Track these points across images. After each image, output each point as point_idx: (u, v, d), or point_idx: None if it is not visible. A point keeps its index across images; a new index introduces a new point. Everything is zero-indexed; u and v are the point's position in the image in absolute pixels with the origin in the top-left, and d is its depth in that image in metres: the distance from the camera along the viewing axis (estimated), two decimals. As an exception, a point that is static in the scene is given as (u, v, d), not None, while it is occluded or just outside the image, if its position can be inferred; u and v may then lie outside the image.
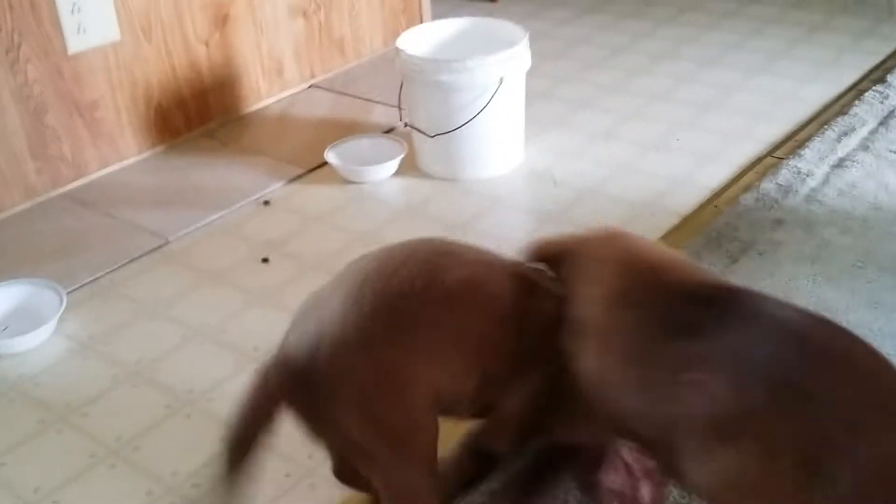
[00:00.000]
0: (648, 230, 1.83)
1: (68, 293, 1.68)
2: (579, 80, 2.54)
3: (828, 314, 1.52)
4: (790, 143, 2.10)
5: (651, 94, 2.42)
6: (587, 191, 1.99)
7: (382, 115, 2.32)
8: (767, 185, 1.91)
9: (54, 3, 1.95)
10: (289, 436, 1.37)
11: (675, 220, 1.86)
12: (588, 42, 2.79)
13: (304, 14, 2.49)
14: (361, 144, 2.15)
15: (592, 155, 2.15)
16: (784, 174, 1.94)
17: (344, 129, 2.24)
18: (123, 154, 2.17)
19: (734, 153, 2.10)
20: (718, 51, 2.64)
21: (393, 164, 2.08)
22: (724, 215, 1.83)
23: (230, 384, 1.49)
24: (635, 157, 2.12)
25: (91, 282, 1.76)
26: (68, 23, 1.99)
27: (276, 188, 2.06)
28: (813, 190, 1.88)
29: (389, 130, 2.23)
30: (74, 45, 2.01)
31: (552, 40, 2.79)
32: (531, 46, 2.06)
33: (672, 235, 1.81)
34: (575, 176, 2.06)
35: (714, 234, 1.77)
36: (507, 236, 1.86)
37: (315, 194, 2.04)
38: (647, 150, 2.15)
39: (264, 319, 1.64)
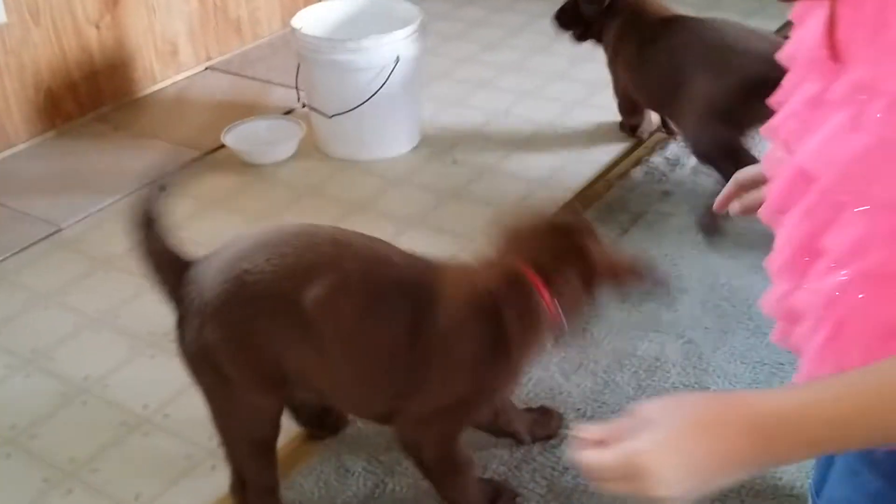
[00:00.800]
0: (544, 204, 1.87)
1: (-44, 283, 1.64)
2: (478, 60, 2.57)
3: (713, 280, 1.59)
4: (679, 119, 2.18)
5: (548, 73, 2.47)
6: (486, 169, 2.03)
7: (281, 96, 2.31)
8: (656, 159, 1.97)
9: (-68, -15, 1.89)
10: (190, 420, 1.38)
11: (569, 195, 1.91)
12: (487, 23, 2.82)
13: (199, -5, 2.46)
14: (259, 126, 2.14)
15: (490, 134, 2.18)
16: (672, 148, 2.01)
17: (242, 112, 2.22)
18: (12, 140, 2.11)
19: (626, 129, 2.16)
20: (612, 30, 2.71)
21: (291, 146, 2.08)
22: (615, 188, 1.89)
23: (126, 369, 1.48)
24: (532, 135, 2.16)
25: (-21, 273, 1.72)
26: (-52, 5, 1.92)
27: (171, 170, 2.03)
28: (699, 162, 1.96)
29: (288, 112, 2.22)
30: (-45, 28, 1.95)
31: (451, 21, 2.82)
32: (431, 27, 2.08)
33: (566, 209, 1.86)
34: (474, 154, 2.09)
35: (605, 206, 1.83)
36: (407, 214, 1.88)
37: (213, 177, 2.02)
38: (543, 127, 2.20)
39: (159, 304, 1.62)
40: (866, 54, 0.56)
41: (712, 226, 1.68)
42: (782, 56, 0.67)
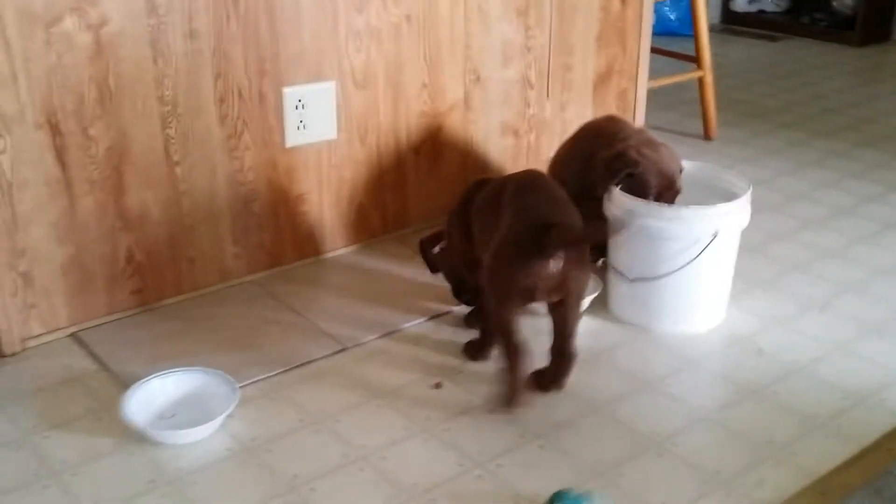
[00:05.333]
0: (862, 427, 1.62)
1: (239, 388, 1.67)
2: (795, 239, 2.36)
3: None
4: None
5: (876, 267, 2.21)
6: (795, 368, 1.81)
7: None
8: None
9: (281, 97, 2.01)
10: None
11: (894, 422, 1.64)
12: (808, 198, 2.61)
13: (516, 133, 2.47)
14: (554, 276, 2.06)
15: (804, 327, 1.96)
16: None
17: (538, 257, 2.16)
18: (319, 249, 2.19)
19: (971, 352, 1.86)
20: (959, 229, 2.40)
21: (585, 302, 1.98)
22: (956, 427, 1.60)
23: (382, 521, 1.40)
24: (854, 337, 1.91)
25: (262, 379, 1.74)
26: (291, 117, 2.03)
27: (458, 305, 2.00)
28: None
29: (585, 264, 2.13)
30: (292, 139, 2.06)
31: (769, 191, 2.63)
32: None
33: (889, 441, 1.59)
34: (782, 348, 1.87)
35: (943, 448, 1.54)
36: (697, 405, 1.70)
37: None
38: (868, 331, 1.94)
39: (425, 452, 1.55)
40: None
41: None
42: None
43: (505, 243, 1.56)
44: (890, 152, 2.96)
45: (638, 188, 1.89)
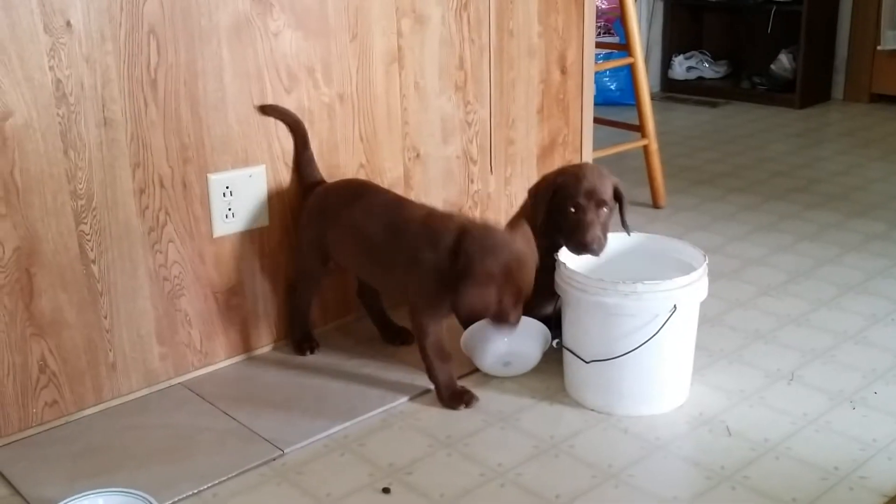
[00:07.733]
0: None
1: (165, 507, 1.50)
2: (755, 306, 2.27)
3: None
4: None
5: (840, 333, 2.12)
6: (767, 448, 1.69)
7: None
8: None
9: (207, 185, 1.89)
10: None
11: (879, 501, 1.53)
12: (764, 264, 2.53)
13: (460, 210, 2.36)
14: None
15: (772, 401, 1.85)
16: None
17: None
18: (254, 344, 2.04)
19: (948, 419, 1.76)
20: (919, 289, 2.33)
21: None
22: (945, 505, 1.49)
23: None
24: (825, 409, 1.81)
25: (193, 495, 1.57)
26: (218, 206, 1.91)
27: (402, 401, 1.86)
28: None
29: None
30: (220, 228, 1.93)
31: (724, 257, 2.55)
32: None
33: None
34: (751, 426, 1.76)
35: (934, 530, 1.43)
36: (670, 497, 1.56)
37: (449, 413, 1.82)
38: (838, 401, 1.84)
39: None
40: None
41: None
42: None
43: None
44: (842, 212, 2.92)
45: (563, 203, 1.88)
